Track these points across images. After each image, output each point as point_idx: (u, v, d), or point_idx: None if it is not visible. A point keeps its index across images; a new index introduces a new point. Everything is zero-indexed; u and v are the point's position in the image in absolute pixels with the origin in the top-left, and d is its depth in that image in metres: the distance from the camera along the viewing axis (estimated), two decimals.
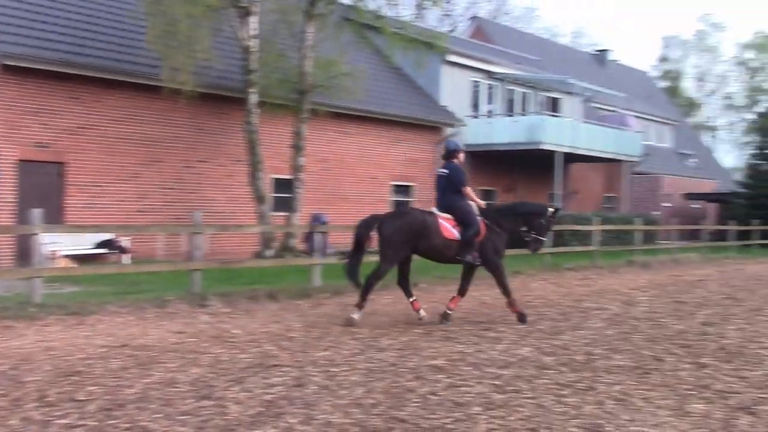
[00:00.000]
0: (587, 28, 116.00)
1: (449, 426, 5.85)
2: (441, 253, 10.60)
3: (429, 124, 28.60)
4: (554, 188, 30.43)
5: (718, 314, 12.15)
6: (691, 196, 43.44)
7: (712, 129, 79.98)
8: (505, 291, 10.97)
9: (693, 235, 34.48)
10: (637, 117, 41.99)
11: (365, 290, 10.51)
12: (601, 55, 52.72)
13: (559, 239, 24.35)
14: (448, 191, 10.68)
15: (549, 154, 30.00)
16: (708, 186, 46.72)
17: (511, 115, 32.01)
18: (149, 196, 20.52)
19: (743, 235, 31.93)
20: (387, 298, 13.70)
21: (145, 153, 20.47)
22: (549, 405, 6.46)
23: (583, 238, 25.60)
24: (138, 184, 20.28)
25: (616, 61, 54.74)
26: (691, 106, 78.56)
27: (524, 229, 11.00)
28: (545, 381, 7.30)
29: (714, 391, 7.06)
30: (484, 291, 15.07)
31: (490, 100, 32.51)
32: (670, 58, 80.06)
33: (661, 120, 47.98)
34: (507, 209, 11.31)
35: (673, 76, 79.09)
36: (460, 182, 10.64)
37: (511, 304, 10.98)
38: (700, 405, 6.56)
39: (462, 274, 11.15)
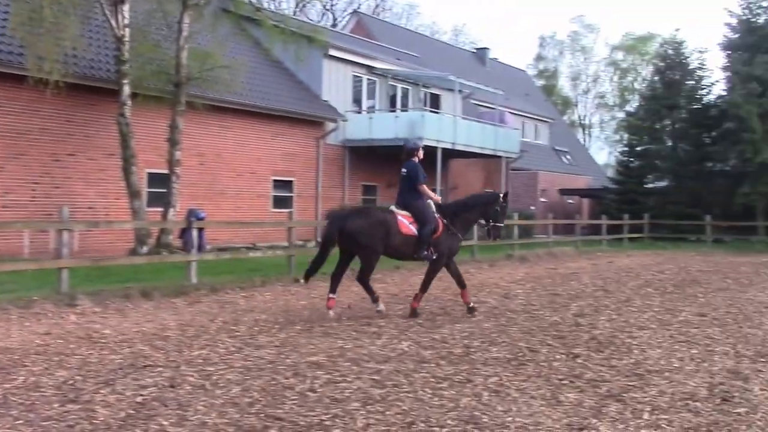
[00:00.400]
0: (467, 26, 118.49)
1: (327, 423, 5.76)
2: (400, 249, 10.82)
3: (310, 119, 28.41)
4: (435, 184, 30.81)
5: (590, 306, 12.52)
6: (566, 192, 44.95)
7: (586, 127, 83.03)
8: (425, 286, 11.15)
9: (568, 230, 35.62)
10: (515, 114, 43.14)
11: (367, 289, 11.00)
12: (480, 53, 53.86)
13: None
14: (407, 190, 10.93)
15: (429, 150, 30.31)
16: (582, 182, 48.45)
17: (392, 111, 32.20)
18: (14, 191, 19.49)
19: (614, 229, 33.20)
20: (267, 295, 13.53)
21: (10, 146, 19.39)
22: (427, 399, 6.47)
23: None
24: (1, 179, 19.23)
25: (495, 59, 56.01)
26: (566, 104, 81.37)
27: (482, 220, 11.42)
28: (424, 375, 7.31)
29: (586, 380, 7.23)
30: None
31: (371, 96, 32.61)
32: (546, 58, 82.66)
33: (538, 117, 49.45)
34: (462, 205, 11.45)
35: (549, 74, 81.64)
36: (416, 179, 10.83)
37: (416, 298, 11.11)
38: (573, 394, 6.71)
39: (450, 273, 11.28)
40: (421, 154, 11.29)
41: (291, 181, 27.93)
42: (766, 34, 34.30)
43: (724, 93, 36.42)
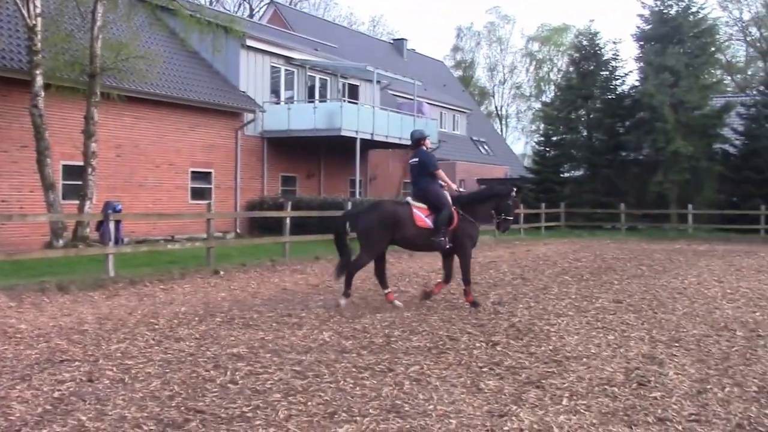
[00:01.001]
0: (385, 17, 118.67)
1: (248, 414, 5.69)
2: (415, 241, 10.97)
3: (228, 110, 28.00)
4: (355, 174, 30.80)
5: (509, 294, 12.69)
6: (484, 182, 45.42)
7: (503, 117, 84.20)
8: (466, 278, 11.13)
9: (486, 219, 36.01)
10: (432, 105, 43.39)
11: (348, 280, 10.92)
12: (398, 44, 53.98)
13: None
14: (420, 177, 11.02)
15: (349, 141, 30.29)
16: (499, 171, 49.12)
17: (311, 102, 32.01)
18: None
19: (532, 218, 33.75)
20: (186, 287, 13.31)
21: None
22: (349, 388, 6.45)
23: None
24: None
25: (413, 50, 56.22)
26: (483, 95, 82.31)
27: (493, 211, 11.49)
28: (345, 365, 7.28)
29: (505, 367, 7.31)
30: (284, 277, 15.01)
31: (289, 87, 32.33)
32: (464, 48, 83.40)
33: (456, 108, 49.88)
34: (475, 196, 11.68)
35: (466, 65, 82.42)
36: (432, 165, 10.97)
37: (466, 292, 11.14)
38: (493, 381, 6.78)
39: (443, 263, 11.48)
40: (428, 142, 11.47)
41: (209, 173, 27.51)
42: (677, 25, 35.27)
43: (638, 83, 37.28)
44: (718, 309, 11.27)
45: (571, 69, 41.43)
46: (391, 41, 56.30)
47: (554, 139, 39.77)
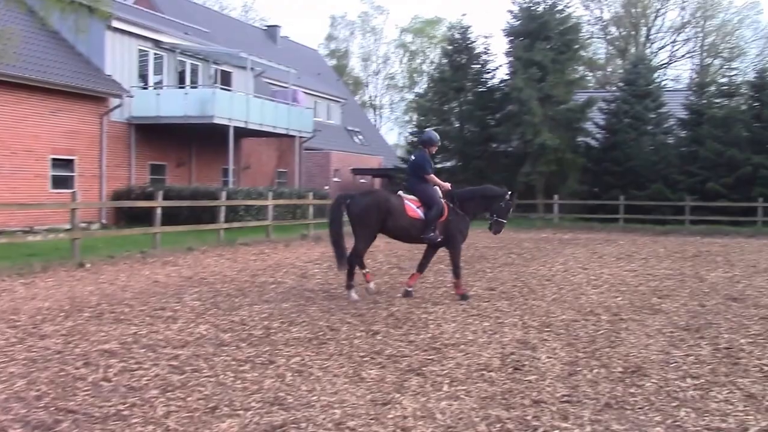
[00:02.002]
0: (257, 3, 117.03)
1: (125, 413, 5.49)
2: (407, 231, 11.05)
3: (92, 94, 26.80)
4: (228, 163, 30.26)
5: (386, 283, 12.79)
6: (359, 172, 45.69)
7: (377, 107, 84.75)
8: (456, 272, 11.20)
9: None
10: (307, 93, 43.15)
11: (350, 272, 10.97)
12: (271, 31, 53.37)
13: (233, 214, 24.30)
14: (414, 176, 11.25)
15: (221, 129, 29.71)
16: (374, 161, 49.45)
17: (181, 88, 31.18)
18: None
19: None
20: (49, 281, 12.71)
21: None
22: (229, 382, 6.33)
23: (258, 213, 25.83)
24: None
25: (286, 37, 55.73)
26: (357, 84, 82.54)
27: (487, 213, 11.69)
28: (224, 358, 7.14)
29: (386, 356, 7.36)
30: (156, 269, 14.59)
31: (158, 71, 31.36)
32: (338, 38, 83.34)
33: (330, 97, 49.82)
34: (469, 193, 11.66)
35: (340, 54, 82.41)
36: (424, 170, 11.13)
37: (457, 285, 11.21)
38: (375, 370, 6.80)
39: (425, 252, 11.55)
40: (434, 149, 11.49)
41: (72, 160, 26.32)
42: (545, 22, 36.42)
43: (507, 77, 38.29)
44: (583, 295, 11.73)
45: (443, 61, 42.05)
46: (265, 28, 55.59)
47: (427, 129, 40.29)
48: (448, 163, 40.24)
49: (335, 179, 43.57)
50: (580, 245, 22.14)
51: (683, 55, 65.79)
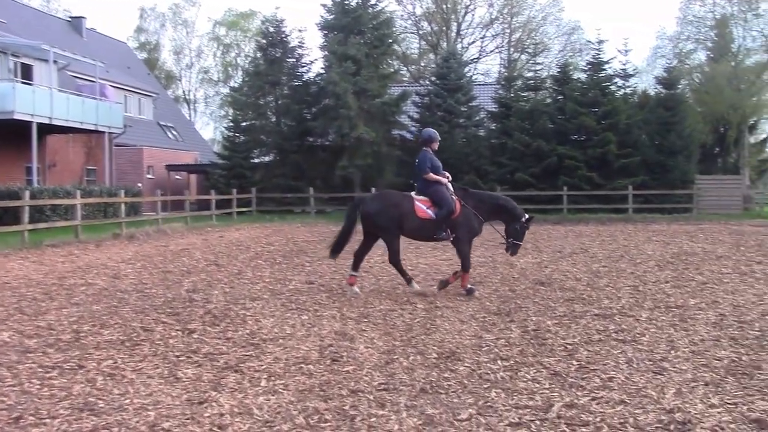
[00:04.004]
0: None
1: None
2: (418, 232, 11.20)
3: None
4: (32, 161, 28.57)
5: (203, 281, 12.54)
6: (173, 168, 44.49)
7: (191, 102, 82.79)
8: (465, 266, 11.14)
9: (177, 206, 35.31)
10: (116, 87, 41.50)
11: (402, 273, 11.40)
12: (76, 22, 50.83)
13: (39, 215, 23.02)
14: (417, 178, 11.34)
15: (23, 125, 28.01)
16: (189, 157, 48.31)
17: None
18: None
19: (223, 204, 33.65)
20: None
21: None
22: (35, 390, 5.99)
23: (65, 212, 24.60)
24: None
25: (92, 29, 53.27)
26: (170, 78, 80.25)
27: (503, 235, 11.58)
28: (30, 365, 6.75)
29: (203, 354, 7.22)
30: None
31: None
32: (148, 30, 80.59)
33: (141, 91, 48.14)
34: (487, 197, 11.78)
35: (151, 47, 79.78)
36: (421, 169, 11.20)
37: (463, 279, 11.15)
38: (191, 369, 6.66)
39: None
40: (435, 146, 11.51)
41: None
42: (358, 17, 36.93)
43: (323, 71, 38.51)
44: (401, 284, 11.98)
45: (258, 55, 41.74)
46: (68, 19, 52.86)
47: (244, 124, 39.94)
48: (266, 158, 40.05)
49: (148, 176, 42.22)
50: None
51: (492, 51, 68.94)
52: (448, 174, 11.43)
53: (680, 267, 14.28)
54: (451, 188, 11.27)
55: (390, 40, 40.14)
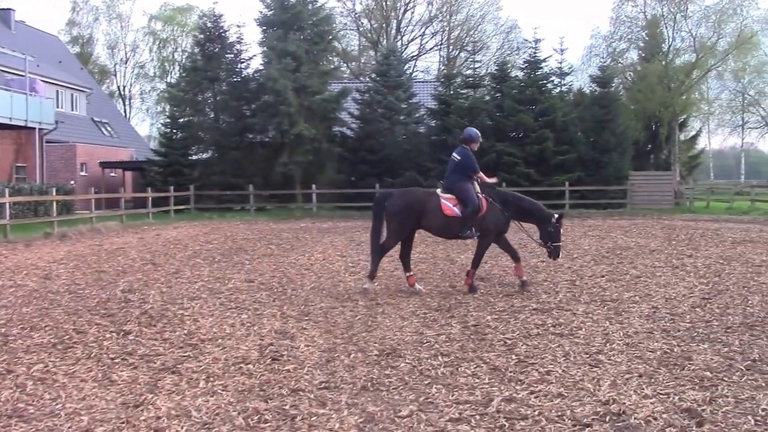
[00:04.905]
0: None
1: None
2: (443, 229, 11.17)
3: None
4: None
5: (140, 281, 12.28)
6: (108, 165, 43.59)
7: (126, 98, 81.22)
8: (476, 263, 11.27)
9: (112, 204, 34.61)
10: (47, 82, 40.40)
11: (375, 265, 11.08)
12: (4, 15, 49.34)
13: None
14: (454, 174, 11.13)
15: None
16: (125, 154, 47.39)
17: None
18: None
19: (161, 202, 33.10)
20: None
21: None
22: None
23: None
24: None
25: (22, 22, 51.83)
26: (104, 73, 78.57)
27: (540, 240, 11.50)
28: None
29: (139, 356, 7.06)
30: None
31: None
32: (81, 24, 78.68)
33: (74, 87, 46.99)
34: (520, 200, 11.52)
35: (84, 42, 77.98)
36: (471, 169, 11.12)
37: (469, 275, 11.21)
38: (126, 372, 6.51)
39: (502, 248, 11.51)
40: (475, 146, 11.35)
41: None
42: (297, 13, 36.66)
43: (262, 67, 38.12)
44: (342, 282, 11.97)
45: (196, 50, 41.13)
46: None
47: (181, 121, 39.36)
48: (205, 155, 39.56)
49: (82, 173, 41.30)
50: (339, 233, 22.58)
51: (431, 48, 69.26)
52: (482, 174, 11.40)
53: (615, 261, 14.54)
54: (478, 187, 11.21)
55: (330, 37, 39.95)
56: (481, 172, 11.26)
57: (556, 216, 11.41)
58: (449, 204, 11.01)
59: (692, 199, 37.95)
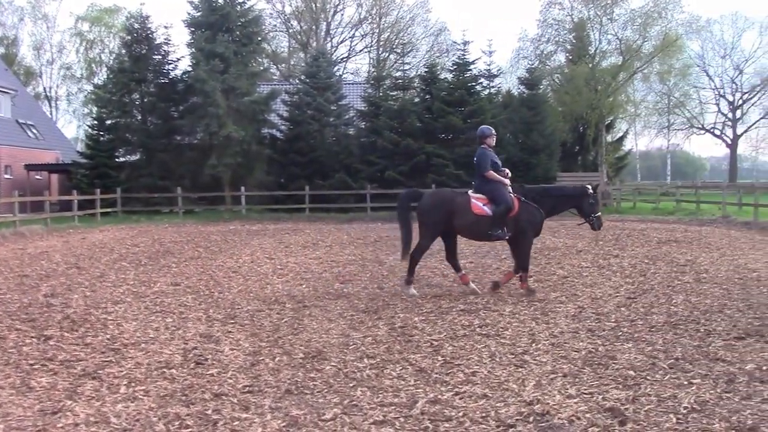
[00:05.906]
0: None
1: None
2: (473, 229, 10.99)
3: None
4: None
5: (63, 285, 12.03)
6: (33, 168, 42.53)
7: (52, 99, 79.23)
8: (524, 266, 11.04)
9: (36, 207, 33.75)
10: None
11: (411, 266, 11.02)
12: None
13: None
14: (476, 176, 11.16)
15: None
16: (50, 156, 46.28)
17: None
18: None
19: (87, 205, 32.41)
20: None
21: None
22: None
23: None
24: None
25: None
26: (29, 74, 76.56)
27: (574, 210, 11.57)
28: None
29: (59, 361, 6.93)
30: None
31: None
32: (5, 24, 76.55)
33: None
34: (547, 191, 11.62)
35: (8, 42, 75.90)
36: (482, 167, 11.00)
37: (522, 279, 10.99)
38: (46, 378, 6.39)
39: (511, 252, 11.49)
40: (491, 141, 11.23)
41: None
42: (226, 14, 36.30)
43: (190, 69, 37.63)
44: (269, 284, 11.91)
45: (123, 52, 40.39)
46: None
47: (108, 122, 38.60)
48: (132, 157, 38.87)
49: (6, 176, 40.20)
50: (268, 236, 22.45)
51: (361, 50, 69.25)
52: (508, 171, 11.31)
53: (543, 261, 14.78)
54: (509, 186, 11.16)
55: (259, 38, 39.64)
56: (491, 171, 11.10)
57: (590, 187, 11.49)
58: (479, 203, 10.99)
59: (619, 199, 38.78)
